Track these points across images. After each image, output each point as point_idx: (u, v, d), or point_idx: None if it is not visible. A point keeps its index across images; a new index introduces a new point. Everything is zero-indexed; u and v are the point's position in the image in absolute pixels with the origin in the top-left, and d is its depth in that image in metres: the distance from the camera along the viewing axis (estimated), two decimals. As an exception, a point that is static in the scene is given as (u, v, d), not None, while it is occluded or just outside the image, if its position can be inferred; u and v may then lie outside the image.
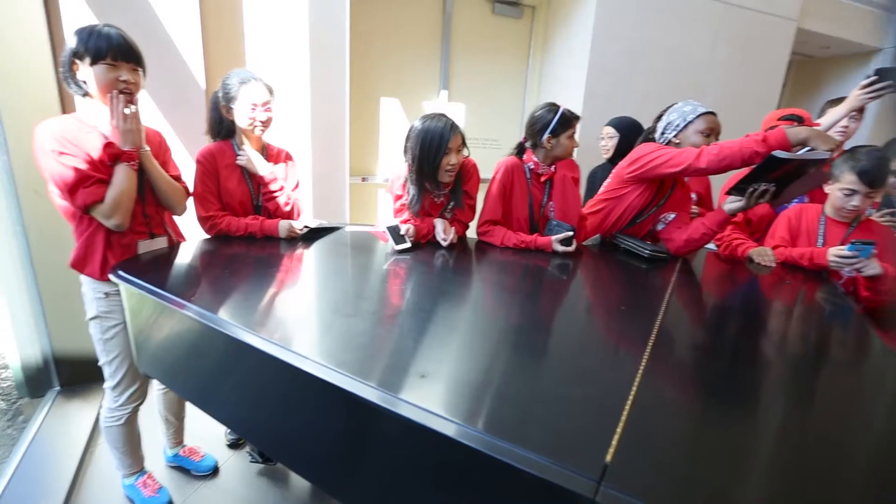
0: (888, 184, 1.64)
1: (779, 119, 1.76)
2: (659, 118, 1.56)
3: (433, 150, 1.43)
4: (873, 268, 1.38)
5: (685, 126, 1.47)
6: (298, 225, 1.56)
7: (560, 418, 0.67)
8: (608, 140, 2.32)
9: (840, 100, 1.80)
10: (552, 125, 1.51)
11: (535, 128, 1.54)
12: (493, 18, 3.41)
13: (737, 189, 1.35)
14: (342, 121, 2.55)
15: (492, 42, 3.46)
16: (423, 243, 1.57)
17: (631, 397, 0.71)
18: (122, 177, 1.19)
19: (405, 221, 1.56)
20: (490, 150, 3.56)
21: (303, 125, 2.42)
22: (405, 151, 1.53)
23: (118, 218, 1.19)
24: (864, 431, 0.75)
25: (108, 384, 1.37)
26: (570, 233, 1.50)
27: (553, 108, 1.53)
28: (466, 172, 1.60)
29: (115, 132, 1.18)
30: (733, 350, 1.03)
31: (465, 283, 1.32)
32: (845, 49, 4.53)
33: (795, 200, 1.83)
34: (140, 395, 1.42)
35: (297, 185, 1.67)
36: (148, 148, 1.27)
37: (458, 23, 3.29)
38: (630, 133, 2.11)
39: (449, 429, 0.63)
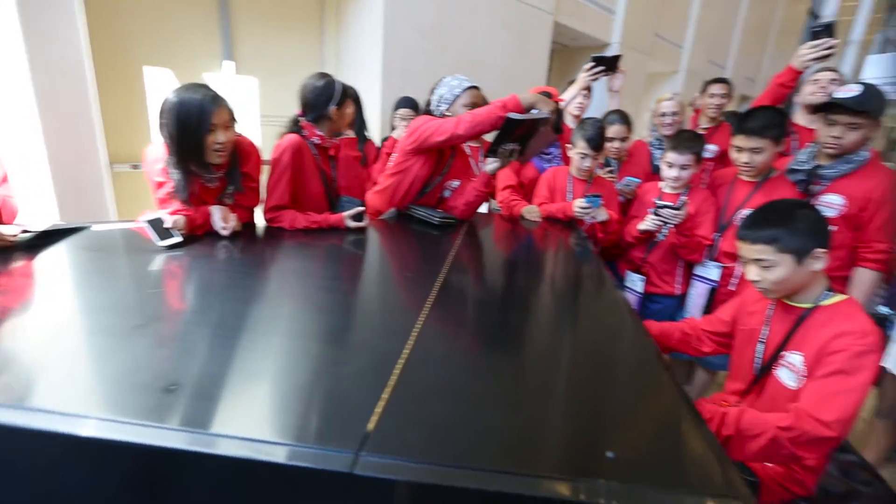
0: (606, 147, 2.09)
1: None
2: (433, 91, 1.67)
3: (192, 126, 1.24)
4: (602, 214, 1.75)
5: (454, 100, 1.61)
6: (11, 230, 1.19)
7: (327, 400, 0.66)
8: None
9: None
10: (337, 95, 1.48)
11: (320, 99, 1.48)
12: (277, -14, 3.14)
13: (492, 152, 1.54)
14: (84, 94, 2.04)
15: (281, 11, 3.19)
16: (201, 235, 1.37)
17: (402, 361, 0.74)
18: None
19: (175, 212, 1.33)
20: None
21: (24, 101, 1.85)
22: (161, 129, 1.29)
23: None
24: (607, 350, 0.92)
25: None
26: (362, 207, 1.51)
27: (331, 78, 1.50)
28: (244, 152, 1.45)
29: None
30: (505, 298, 1.18)
31: (255, 275, 1.20)
32: (588, 41, 5.58)
33: (556, 163, 2.18)
34: None
35: (3, 179, 1.27)
36: None
37: (236, -15, 2.93)
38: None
39: (212, 446, 0.55)
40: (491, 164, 1.59)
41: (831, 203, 1.58)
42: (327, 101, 1.48)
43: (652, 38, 6.22)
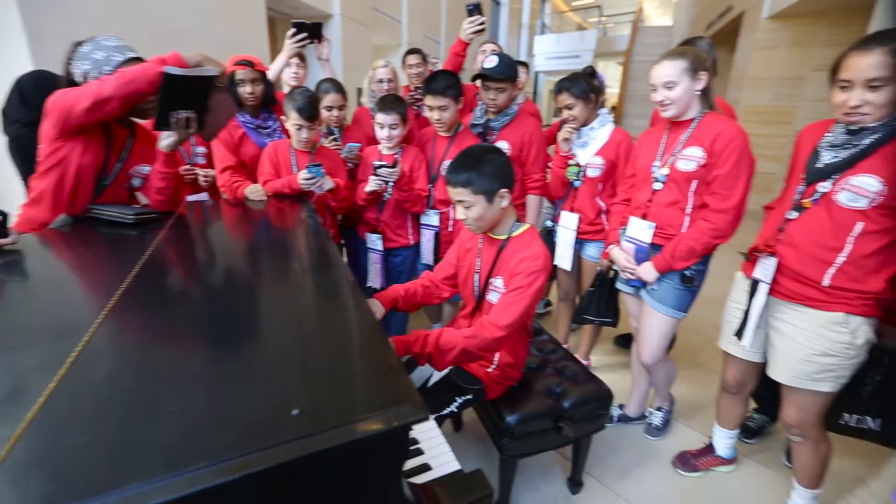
0: (324, 117, 2.11)
1: (234, 63, 1.88)
2: (69, 63, 1.30)
3: None
4: (328, 183, 1.77)
5: None
6: None
7: None
8: None
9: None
10: None
11: None
12: None
13: (162, 123, 1.34)
14: None
15: None
16: None
17: (43, 398, 0.58)
18: None
19: None
20: None
21: None
22: None
23: None
24: (320, 318, 0.92)
25: None
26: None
27: None
28: None
29: None
30: (215, 288, 1.06)
31: None
32: (311, 11, 5.43)
33: (277, 136, 2.06)
34: None
35: None
36: None
37: None
38: None
39: None
40: (166, 139, 1.38)
41: (501, 148, 1.99)
42: None
43: (371, 12, 6.50)
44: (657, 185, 1.56)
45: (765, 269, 1.33)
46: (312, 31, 2.07)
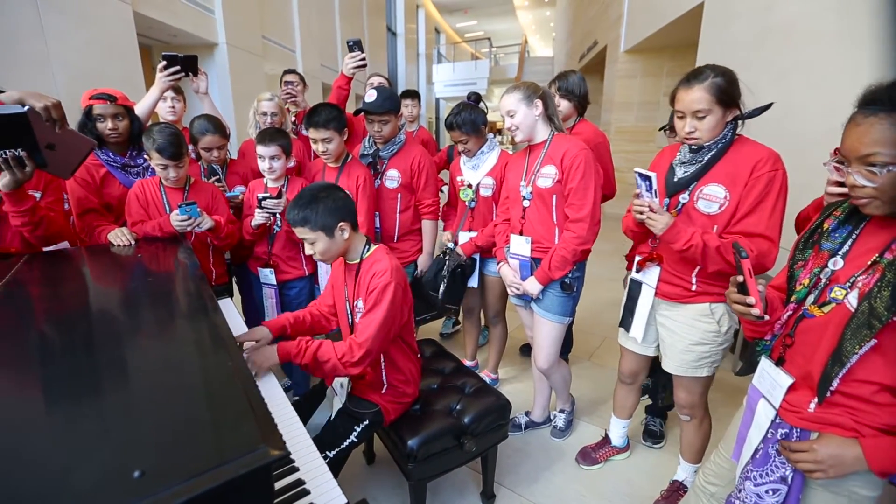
0: (204, 157, 2.01)
1: (90, 98, 1.72)
2: None
3: None
4: (207, 222, 1.66)
5: None
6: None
7: None
8: None
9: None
10: None
11: None
12: None
13: None
14: None
15: None
16: None
17: None
18: None
19: None
20: None
21: None
22: None
23: None
24: (182, 368, 0.86)
25: None
26: None
27: None
28: None
29: None
30: (68, 342, 0.95)
31: None
32: (192, 39, 5.15)
33: (151, 174, 1.90)
34: None
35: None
36: None
37: None
38: None
39: None
40: (1, 180, 1.26)
41: (392, 177, 2.05)
42: None
43: (261, 41, 6.34)
44: (526, 203, 1.70)
45: (650, 275, 1.47)
46: (186, 64, 1.96)
